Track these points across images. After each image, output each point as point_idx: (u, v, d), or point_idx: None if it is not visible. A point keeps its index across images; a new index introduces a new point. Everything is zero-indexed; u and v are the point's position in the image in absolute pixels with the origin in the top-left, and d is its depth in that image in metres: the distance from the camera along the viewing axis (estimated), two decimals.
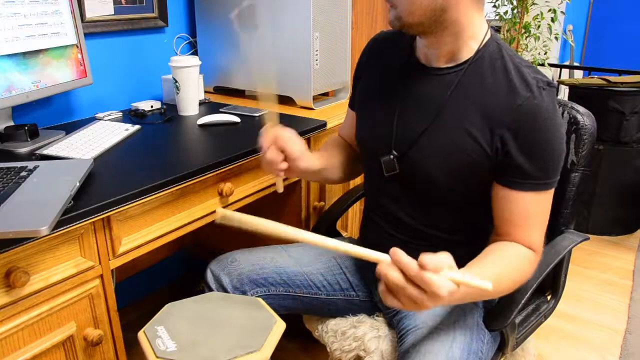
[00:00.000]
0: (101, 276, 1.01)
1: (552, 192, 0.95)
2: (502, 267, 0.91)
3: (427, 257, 0.73)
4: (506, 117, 0.91)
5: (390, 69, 1.07)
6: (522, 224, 0.94)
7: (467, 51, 0.96)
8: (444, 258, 0.75)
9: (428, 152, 0.98)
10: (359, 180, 1.41)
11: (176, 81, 1.52)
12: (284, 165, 1.01)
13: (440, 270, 0.73)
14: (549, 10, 2.62)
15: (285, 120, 1.51)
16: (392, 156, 1.02)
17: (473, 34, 0.95)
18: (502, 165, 0.93)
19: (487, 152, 0.93)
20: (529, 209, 0.94)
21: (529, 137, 0.90)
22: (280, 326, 0.89)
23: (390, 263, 0.75)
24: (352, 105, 1.21)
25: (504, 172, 0.93)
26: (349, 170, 1.22)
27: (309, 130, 1.44)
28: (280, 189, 1.09)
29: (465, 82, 0.95)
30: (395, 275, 0.74)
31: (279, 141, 0.99)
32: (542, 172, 0.92)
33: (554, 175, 0.94)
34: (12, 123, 1.30)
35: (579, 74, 3.58)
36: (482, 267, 0.89)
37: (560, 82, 2.72)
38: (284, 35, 1.60)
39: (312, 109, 1.64)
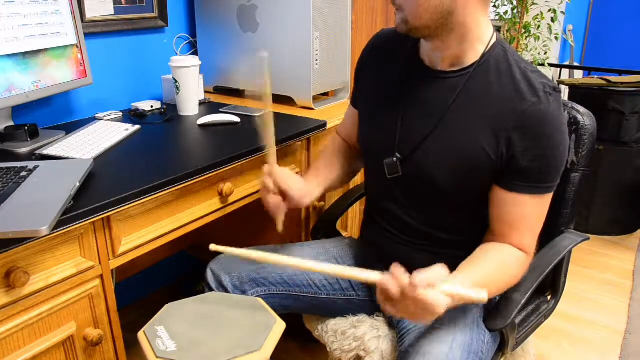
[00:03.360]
0: (101, 276, 1.01)
1: (551, 195, 0.96)
2: (493, 270, 0.93)
3: (419, 277, 0.74)
4: (512, 122, 0.90)
5: (393, 70, 1.07)
6: (519, 226, 0.95)
7: (473, 54, 0.95)
8: (438, 272, 0.76)
9: (431, 155, 0.98)
10: (359, 180, 1.41)
11: (176, 81, 1.52)
12: (285, 207, 1.05)
13: (435, 286, 0.75)
14: (549, 10, 2.62)
15: (286, 120, 1.51)
16: (395, 159, 1.02)
17: (479, 37, 0.94)
18: (506, 169, 0.93)
19: (491, 156, 0.93)
20: (528, 211, 0.94)
21: (534, 142, 0.90)
22: (280, 326, 0.89)
23: (390, 277, 0.77)
24: (353, 102, 1.21)
25: (506, 175, 0.93)
26: (349, 172, 1.23)
27: (309, 130, 1.44)
28: (280, 228, 1.08)
29: (470, 86, 0.95)
30: (394, 290, 0.76)
31: (280, 184, 1.03)
32: (544, 176, 0.92)
33: (555, 180, 0.94)
34: (12, 123, 1.30)
35: (579, 74, 3.58)
36: (473, 272, 0.90)
37: (560, 82, 2.71)
38: (284, 35, 1.60)
39: (312, 109, 1.64)
